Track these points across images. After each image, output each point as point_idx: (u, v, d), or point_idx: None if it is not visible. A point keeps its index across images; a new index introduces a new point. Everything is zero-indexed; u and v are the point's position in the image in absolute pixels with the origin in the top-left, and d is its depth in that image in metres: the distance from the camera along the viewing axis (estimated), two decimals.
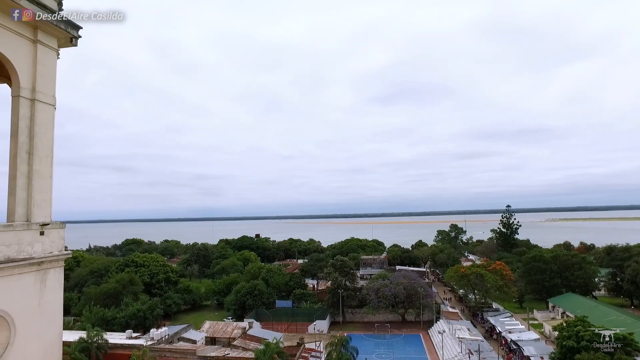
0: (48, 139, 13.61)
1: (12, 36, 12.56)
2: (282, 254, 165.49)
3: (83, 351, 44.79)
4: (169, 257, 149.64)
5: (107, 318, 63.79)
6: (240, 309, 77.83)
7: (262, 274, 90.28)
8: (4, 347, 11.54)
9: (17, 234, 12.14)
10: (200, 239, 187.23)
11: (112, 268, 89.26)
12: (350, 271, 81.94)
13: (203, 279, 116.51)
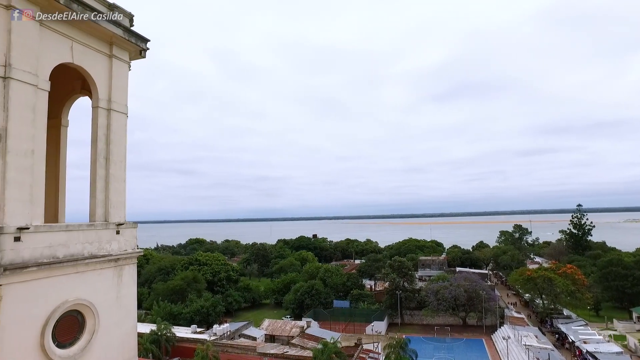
0: (121, 145, 14.71)
1: (94, 54, 13.77)
2: (339, 254, 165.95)
3: (154, 342, 47.79)
4: (230, 256, 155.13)
5: (173, 313, 67.49)
6: (298, 308, 79.10)
7: (320, 274, 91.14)
8: (91, 332, 12.69)
9: (97, 233, 13.26)
10: (259, 239, 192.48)
11: (177, 266, 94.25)
12: (409, 272, 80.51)
13: (262, 278, 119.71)
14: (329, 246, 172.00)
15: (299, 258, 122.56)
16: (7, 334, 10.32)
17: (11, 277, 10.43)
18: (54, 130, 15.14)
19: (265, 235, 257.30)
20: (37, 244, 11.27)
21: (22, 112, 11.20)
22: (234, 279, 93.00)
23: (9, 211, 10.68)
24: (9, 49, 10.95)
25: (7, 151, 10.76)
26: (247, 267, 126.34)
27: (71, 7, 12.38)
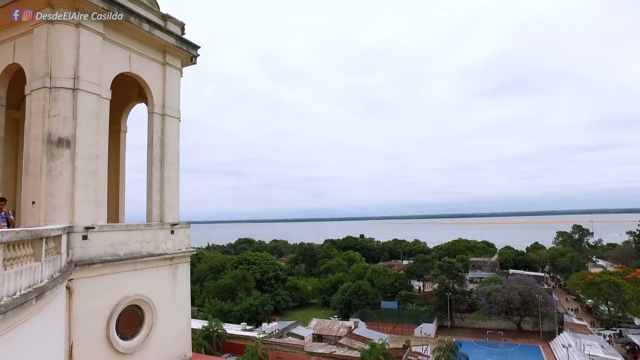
0: (175, 148, 15.44)
1: (149, 62, 14.58)
2: (386, 254, 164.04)
3: (206, 338, 49.52)
4: (278, 255, 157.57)
5: (224, 310, 69.56)
6: (346, 308, 79.01)
7: (367, 274, 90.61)
8: (149, 326, 13.42)
9: (154, 232, 14.00)
10: (306, 239, 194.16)
11: (227, 265, 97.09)
12: (459, 274, 78.20)
13: (309, 278, 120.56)
14: (377, 246, 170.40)
15: (346, 258, 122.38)
16: (79, 324, 11.15)
17: (80, 272, 11.25)
18: (114, 135, 16.12)
19: (312, 235, 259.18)
20: (101, 243, 12.07)
21: (88, 120, 12.06)
22: (282, 278, 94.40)
23: (78, 212, 11.53)
24: (77, 63, 11.84)
25: (76, 156, 11.64)
26: (295, 266, 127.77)
27: (129, 20, 13.16)
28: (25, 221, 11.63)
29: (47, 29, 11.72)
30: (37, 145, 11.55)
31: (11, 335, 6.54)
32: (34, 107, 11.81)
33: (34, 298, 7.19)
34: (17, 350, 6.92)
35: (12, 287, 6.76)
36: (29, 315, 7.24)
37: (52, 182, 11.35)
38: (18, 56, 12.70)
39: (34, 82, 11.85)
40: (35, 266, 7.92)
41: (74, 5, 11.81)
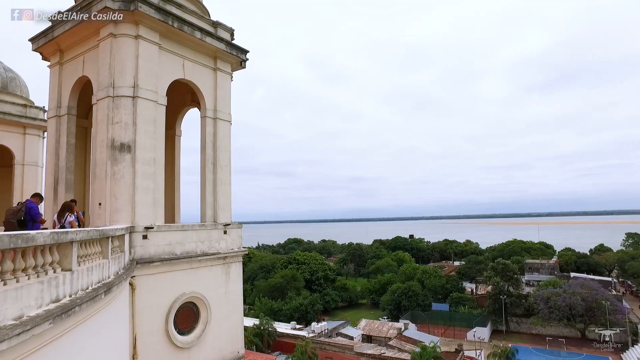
0: (227, 150, 15.96)
1: (201, 68, 15.20)
2: (437, 255, 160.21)
3: (257, 336, 50.75)
4: (327, 255, 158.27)
5: (274, 309, 70.90)
6: (395, 309, 78.04)
7: (417, 275, 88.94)
8: (204, 323, 13.98)
9: (208, 232, 14.56)
10: (355, 239, 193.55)
11: (277, 264, 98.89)
12: (514, 276, 74.84)
13: (358, 278, 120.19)
14: (426, 247, 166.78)
15: (395, 259, 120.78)
16: (141, 318, 11.83)
17: (142, 269, 11.93)
18: (170, 140, 16.93)
19: (361, 235, 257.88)
20: (159, 242, 12.72)
21: (146, 125, 12.76)
22: (331, 278, 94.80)
23: (138, 213, 12.23)
24: (136, 72, 12.58)
25: (136, 160, 12.36)
26: (344, 266, 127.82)
27: (183, 29, 13.78)
28: (93, 221, 12.51)
29: (111, 43, 12.55)
30: (102, 150, 12.39)
31: (85, 326, 7.07)
32: (99, 115, 12.68)
33: (103, 293, 7.72)
34: (90, 340, 7.47)
35: (85, 282, 7.31)
36: (99, 308, 7.79)
37: (116, 184, 12.12)
38: (87, 69, 13.72)
39: (100, 92, 12.72)
40: (103, 263, 8.50)
41: (133, 19, 12.56)
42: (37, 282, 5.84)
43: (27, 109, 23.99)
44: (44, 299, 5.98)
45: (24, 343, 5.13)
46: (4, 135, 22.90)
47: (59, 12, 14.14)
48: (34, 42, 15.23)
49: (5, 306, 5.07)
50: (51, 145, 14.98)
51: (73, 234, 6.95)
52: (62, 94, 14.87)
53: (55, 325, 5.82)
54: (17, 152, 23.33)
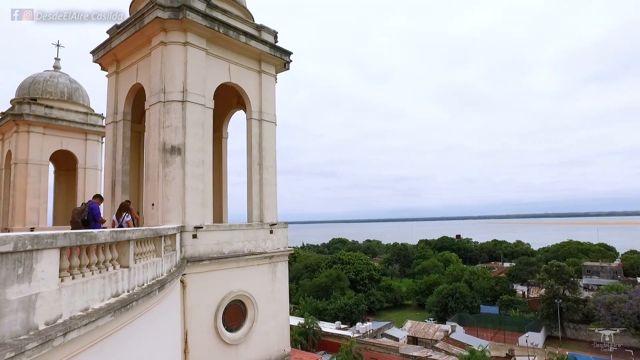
0: (272, 151, 16.25)
1: (246, 71, 15.58)
2: (485, 256, 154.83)
3: (301, 335, 51.28)
4: (371, 255, 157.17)
5: (319, 308, 71.31)
6: (442, 311, 76.28)
7: (465, 277, 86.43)
8: (252, 321, 14.32)
9: (255, 232, 14.89)
10: (399, 239, 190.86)
11: (322, 264, 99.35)
12: (570, 279, 70.83)
13: (404, 279, 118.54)
14: (474, 247, 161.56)
15: (441, 259, 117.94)
16: (191, 315, 12.31)
17: (192, 268, 12.40)
18: (217, 142, 17.44)
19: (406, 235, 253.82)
20: (208, 241, 13.16)
21: (194, 128, 13.25)
22: (376, 278, 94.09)
23: (188, 213, 12.72)
24: (185, 78, 13.11)
25: (186, 162, 12.87)
26: (389, 267, 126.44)
27: (228, 34, 14.19)
28: (147, 221, 13.15)
29: (162, 51, 13.16)
30: (154, 153, 13.00)
31: (141, 321, 7.46)
32: (151, 120, 13.32)
33: (157, 289, 8.10)
34: (145, 333, 7.87)
35: (140, 278, 7.72)
36: (154, 304, 8.18)
37: (167, 186, 12.67)
38: (140, 77, 14.48)
39: (152, 97, 13.37)
40: (157, 261, 8.92)
41: (182, 27, 13.09)
42: (100, 278, 6.23)
43: (88, 116, 25.62)
44: (106, 293, 6.37)
45: (90, 333, 5.52)
46: (69, 141, 24.61)
47: (116, 25, 15.05)
48: (94, 54, 16.29)
49: (74, 298, 5.47)
50: (109, 150, 15.92)
51: (130, 233, 7.35)
52: (118, 101, 15.78)
53: (116, 318, 6.19)
54: (80, 157, 24.99)
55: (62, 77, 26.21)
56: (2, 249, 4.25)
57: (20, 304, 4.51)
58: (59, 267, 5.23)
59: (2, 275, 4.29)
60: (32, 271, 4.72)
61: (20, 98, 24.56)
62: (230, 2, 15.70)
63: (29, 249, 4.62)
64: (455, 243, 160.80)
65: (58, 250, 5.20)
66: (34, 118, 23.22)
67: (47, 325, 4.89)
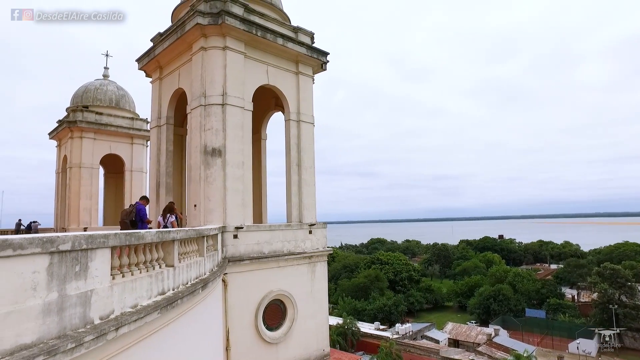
0: (310, 152, 16.36)
1: (284, 73, 15.78)
2: (530, 257, 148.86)
3: (340, 335, 51.21)
4: (410, 256, 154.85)
5: (357, 309, 70.98)
6: (484, 313, 73.99)
7: (508, 278, 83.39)
8: (291, 320, 14.47)
9: (294, 232, 15.04)
10: (439, 239, 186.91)
11: (360, 264, 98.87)
12: (627, 283, 66.64)
13: (444, 279, 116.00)
14: (518, 248, 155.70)
15: (483, 260, 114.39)
16: (233, 313, 12.59)
17: (233, 267, 12.69)
18: (256, 144, 17.74)
19: (446, 235, 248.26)
20: (249, 241, 13.42)
21: (234, 130, 13.55)
22: (415, 279, 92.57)
23: (229, 213, 13.02)
24: (225, 81, 13.43)
25: (226, 164, 13.18)
26: (429, 267, 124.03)
27: (266, 37, 14.41)
28: (189, 222, 13.58)
29: (202, 56, 13.56)
30: (196, 155, 13.41)
31: (185, 318, 7.71)
32: (193, 123, 13.74)
33: (201, 288, 8.36)
34: (189, 330, 8.13)
35: (184, 277, 7.98)
36: (197, 302, 8.44)
37: (208, 187, 13.03)
38: (182, 82, 15.01)
39: (193, 101, 13.80)
40: (199, 261, 9.19)
41: (221, 32, 13.43)
42: (147, 276, 6.50)
43: (134, 121, 26.82)
44: (153, 291, 6.64)
45: (139, 329, 5.78)
46: (117, 145, 25.88)
47: (159, 33, 15.67)
48: (139, 61, 17.03)
49: (124, 295, 5.74)
50: (153, 153, 16.57)
51: (174, 233, 7.62)
52: (161, 106, 16.40)
53: (162, 315, 6.44)
54: (127, 160, 26.20)
55: (110, 84, 27.58)
56: (62, 247, 4.53)
57: (78, 299, 4.80)
58: (110, 266, 5.51)
59: (62, 271, 4.57)
60: (88, 269, 5.00)
61: (74, 106, 26.07)
62: (267, 5, 15.96)
63: (84, 247, 4.90)
64: (498, 243, 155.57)
65: (110, 250, 5.48)
66: (86, 124, 24.57)
67: (101, 319, 5.17)
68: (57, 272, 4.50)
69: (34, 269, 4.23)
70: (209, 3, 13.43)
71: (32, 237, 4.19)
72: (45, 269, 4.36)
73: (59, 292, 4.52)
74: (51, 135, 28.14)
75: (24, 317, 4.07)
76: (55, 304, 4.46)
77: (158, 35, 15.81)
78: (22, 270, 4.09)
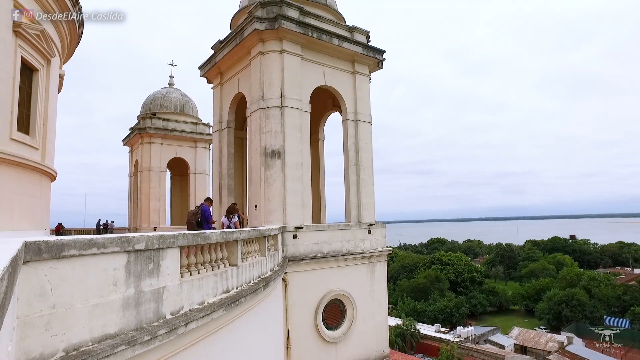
0: (368, 151, 16.25)
1: (340, 73, 15.80)
2: (608, 259, 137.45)
3: (399, 336, 50.39)
4: (472, 256, 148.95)
5: (417, 310, 69.48)
6: (554, 319, 69.44)
7: (582, 282, 77.63)
8: (350, 320, 14.47)
9: (353, 232, 15.02)
10: (503, 239, 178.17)
11: (420, 264, 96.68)
12: None
13: (509, 282, 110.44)
14: (593, 249, 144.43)
15: (552, 262, 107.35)
16: (293, 311, 12.81)
17: (293, 267, 12.90)
18: (314, 144, 17.91)
19: (510, 235, 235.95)
20: (308, 241, 13.57)
21: (293, 132, 13.77)
22: (477, 280, 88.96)
23: (289, 214, 13.26)
24: (282, 84, 13.70)
25: (285, 165, 13.43)
26: (492, 268, 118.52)
27: (322, 38, 14.50)
28: (250, 222, 13.99)
29: (260, 60, 13.93)
30: (256, 157, 13.79)
31: (248, 316, 7.96)
32: (253, 126, 14.15)
33: (262, 287, 8.57)
34: (252, 327, 8.38)
35: (247, 276, 8.24)
36: (259, 300, 8.68)
37: (268, 188, 13.35)
38: (241, 86, 15.51)
39: (252, 105, 14.21)
40: (261, 260, 9.44)
41: (278, 36, 13.71)
42: (212, 275, 6.78)
43: (197, 126, 28.17)
44: (218, 289, 6.91)
45: (206, 325, 6.04)
46: (182, 149, 27.35)
47: (219, 41, 16.31)
48: (201, 69, 17.85)
49: (192, 292, 6.03)
50: (215, 156, 17.27)
51: (237, 234, 7.88)
52: (223, 110, 17.05)
53: (227, 313, 6.68)
54: (191, 163, 27.58)
55: (175, 92, 29.18)
56: (137, 247, 4.85)
57: (152, 295, 5.11)
58: (179, 264, 5.81)
59: (138, 269, 4.89)
60: (159, 267, 5.30)
61: (143, 114, 27.90)
62: (322, 6, 16.05)
63: (156, 247, 5.20)
64: (569, 244, 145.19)
65: (179, 249, 5.77)
66: (154, 130, 26.19)
67: (172, 315, 5.46)
68: (133, 269, 4.82)
69: (115, 266, 4.56)
70: (265, 8, 13.76)
71: (112, 237, 4.53)
72: (124, 266, 4.68)
73: (136, 288, 4.83)
74: (124, 141, 30.30)
75: (107, 309, 4.41)
76: (133, 299, 4.78)
77: (218, 42, 16.46)
78: (105, 266, 4.43)
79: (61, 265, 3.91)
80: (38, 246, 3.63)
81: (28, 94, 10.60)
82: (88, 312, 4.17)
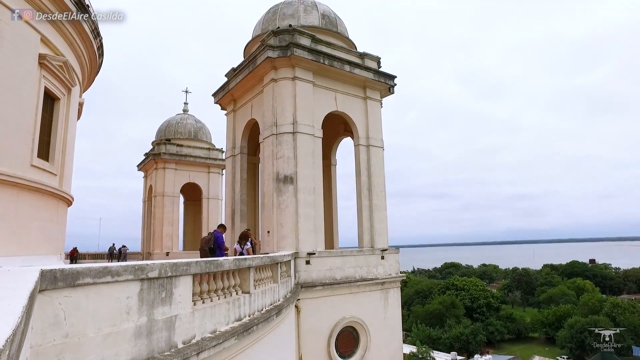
0: (380, 176, 16.22)
1: (352, 99, 15.98)
2: (632, 285, 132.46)
3: None
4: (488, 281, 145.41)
5: (432, 337, 67.58)
6: (577, 348, 66.74)
7: (605, 309, 74.87)
8: (364, 348, 14.13)
9: (366, 258, 14.85)
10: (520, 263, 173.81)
11: (434, 290, 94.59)
12: None
13: (527, 308, 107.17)
14: (615, 274, 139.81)
15: (572, 287, 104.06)
16: (306, 339, 12.57)
17: (305, 293, 12.74)
18: (326, 169, 17.99)
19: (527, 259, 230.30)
20: (321, 267, 13.44)
21: (305, 157, 13.85)
22: (494, 306, 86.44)
23: (302, 239, 13.19)
24: (295, 110, 13.88)
25: (298, 190, 13.45)
26: (509, 294, 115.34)
27: (333, 65, 14.75)
28: (263, 248, 13.94)
29: (273, 87, 14.18)
30: (269, 183, 13.86)
31: (260, 344, 7.82)
32: (265, 152, 14.28)
33: (275, 314, 8.46)
34: (264, 356, 8.22)
35: (260, 303, 8.14)
36: (271, 328, 8.54)
37: (281, 214, 13.35)
38: (254, 113, 15.77)
39: (265, 131, 14.38)
40: (274, 287, 9.34)
41: (290, 63, 13.99)
42: (225, 303, 6.72)
43: (210, 151, 28.55)
44: (230, 317, 6.83)
45: (218, 354, 5.94)
46: (196, 174, 27.69)
47: (232, 69, 16.70)
48: (215, 96, 18.23)
49: (204, 321, 5.97)
50: (228, 181, 17.41)
51: (250, 261, 7.84)
52: (235, 136, 17.28)
53: (239, 341, 6.58)
54: (204, 188, 27.84)
55: (189, 118, 29.77)
56: (151, 275, 4.84)
57: (164, 323, 5.06)
58: (192, 292, 5.77)
59: (151, 297, 4.87)
60: (172, 295, 5.28)
61: (158, 140, 28.43)
62: (334, 34, 16.39)
63: (169, 275, 5.19)
64: (589, 269, 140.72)
65: (191, 277, 5.75)
66: (168, 156, 26.62)
67: (184, 344, 5.40)
68: (146, 297, 4.80)
69: (128, 294, 4.55)
70: (278, 37, 14.10)
71: (125, 265, 4.53)
72: (137, 294, 4.67)
73: (148, 317, 4.80)
74: (139, 167, 30.81)
75: (120, 338, 4.38)
76: (145, 328, 4.74)
77: (231, 70, 16.84)
78: (118, 295, 4.43)
79: (75, 293, 3.92)
80: (54, 274, 3.65)
81: (49, 122, 10.91)
82: (100, 341, 4.14)
